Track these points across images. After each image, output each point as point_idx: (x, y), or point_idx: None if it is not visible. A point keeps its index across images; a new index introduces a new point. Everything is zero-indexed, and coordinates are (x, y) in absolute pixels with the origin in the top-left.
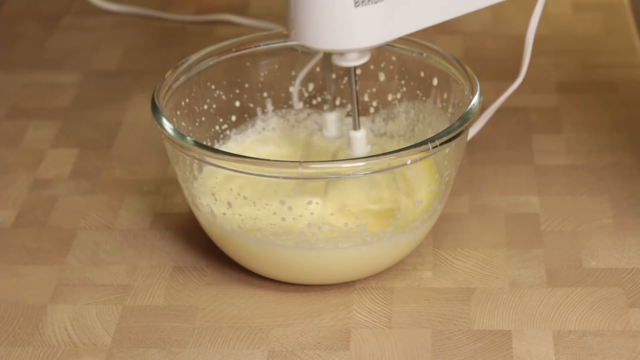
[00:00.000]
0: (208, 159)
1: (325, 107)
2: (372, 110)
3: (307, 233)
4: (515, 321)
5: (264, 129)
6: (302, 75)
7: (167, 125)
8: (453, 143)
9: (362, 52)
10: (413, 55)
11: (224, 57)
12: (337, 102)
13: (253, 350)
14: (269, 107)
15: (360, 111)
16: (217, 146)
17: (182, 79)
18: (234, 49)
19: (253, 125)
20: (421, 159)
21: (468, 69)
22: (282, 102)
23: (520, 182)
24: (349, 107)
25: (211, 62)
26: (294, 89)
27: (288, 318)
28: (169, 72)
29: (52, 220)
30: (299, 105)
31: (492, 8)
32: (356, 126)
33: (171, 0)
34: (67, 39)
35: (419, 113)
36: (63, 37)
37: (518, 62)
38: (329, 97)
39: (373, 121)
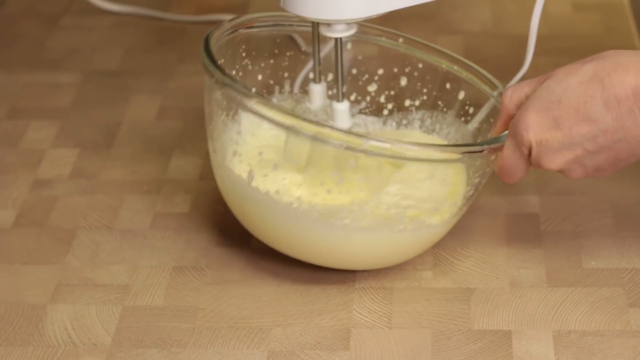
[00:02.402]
0: (278, 117)
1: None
2: (386, 112)
3: (346, 212)
4: (515, 321)
5: None
6: (305, 70)
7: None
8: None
9: (349, 24)
10: (443, 66)
11: (262, 29)
12: (352, 98)
13: (253, 350)
14: (287, 87)
15: (345, 86)
16: None
17: (225, 38)
18: (273, 23)
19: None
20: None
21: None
22: (301, 86)
23: (520, 182)
24: (366, 99)
25: (254, 30)
26: (297, 80)
27: (288, 318)
28: (227, 20)
29: (52, 220)
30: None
31: (492, 8)
32: (339, 98)
33: (171, 0)
34: (67, 39)
35: (436, 123)
36: (63, 37)
37: (518, 62)
38: (317, 69)
39: (385, 123)
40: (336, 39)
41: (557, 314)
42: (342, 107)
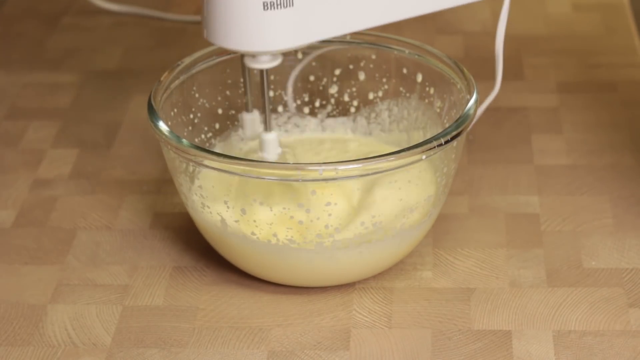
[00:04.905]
0: (231, 168)
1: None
2: (353, 109)
3: (323, 237)
4: (515, 321)
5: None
6: (292, 79)
7: (185, 142)
8: (450, 144)
9: (274, 55)
10: (394, 52)
11: (203, 66)
12: (317, 104)
13: (253, 350)
14: None
15: (271, 113)
16: None
17: (173, 85)
18: (214, 56)
19: (236, 132)
20: (427, 157)
21: (464, 69)
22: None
23: (520, 182)
24: (328, 108)
25: (193, 71)
26: (287, 93)
27: (288, 318)
28: (165, 73)
29: (52, 220)
30: (293, 107)
31: (492, 8)
32: (267, 128)
33: (171, 0)
34: (67, 39)
35: (403, 110)
36: (63, 37)
37: (518, 62)
38: (247, 98)
39: (354, 121)
40: (261, 70)
41: (557, 314)
42: (270, 137)
